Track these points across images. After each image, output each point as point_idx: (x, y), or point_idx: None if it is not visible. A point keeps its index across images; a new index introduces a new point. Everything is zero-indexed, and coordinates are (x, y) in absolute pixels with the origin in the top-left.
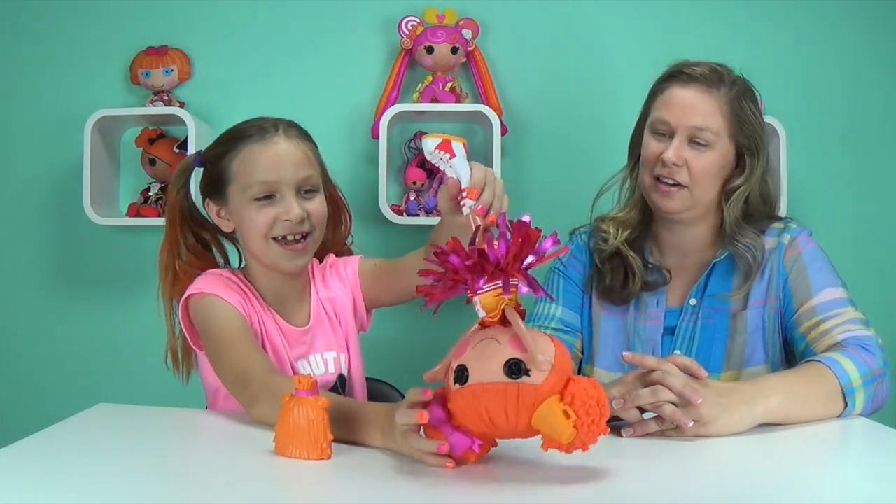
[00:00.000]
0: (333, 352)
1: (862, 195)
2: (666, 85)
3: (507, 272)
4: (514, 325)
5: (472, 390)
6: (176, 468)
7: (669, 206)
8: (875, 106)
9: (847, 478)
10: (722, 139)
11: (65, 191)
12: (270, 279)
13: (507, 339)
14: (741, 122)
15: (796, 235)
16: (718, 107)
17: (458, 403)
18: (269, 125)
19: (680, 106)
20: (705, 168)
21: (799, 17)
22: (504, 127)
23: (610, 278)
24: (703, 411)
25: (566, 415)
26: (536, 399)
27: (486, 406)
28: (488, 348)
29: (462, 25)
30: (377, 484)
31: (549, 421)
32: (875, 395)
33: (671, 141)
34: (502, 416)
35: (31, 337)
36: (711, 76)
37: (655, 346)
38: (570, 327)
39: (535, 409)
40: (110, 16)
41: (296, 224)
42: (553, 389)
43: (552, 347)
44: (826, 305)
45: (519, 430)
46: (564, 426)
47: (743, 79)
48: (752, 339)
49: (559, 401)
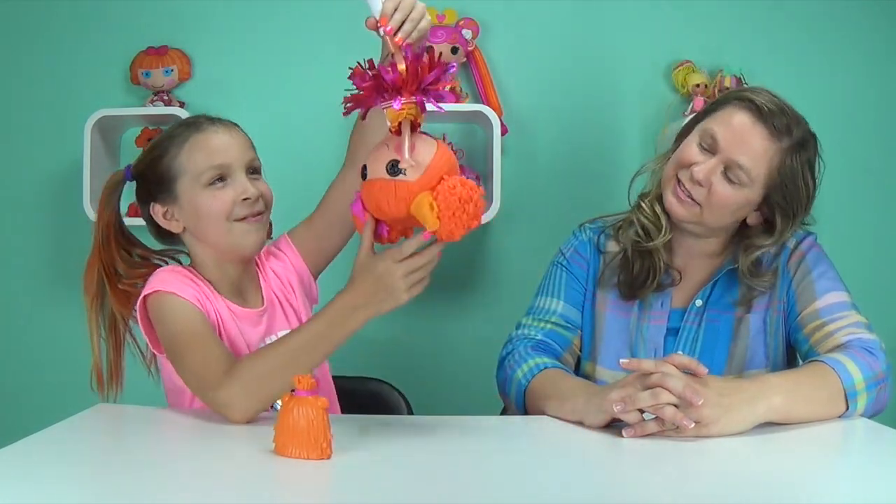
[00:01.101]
0: (286, 329)
1: (863, 196)
2: (738, 105)
3: (403, 91)
4: (402, 133)
5: (367, 184)
6: (176, 468)
7: (677, 211)
8: (876, 108)
9: (848, 478)
10: (756, 185)
11: (65, 191)
12: (223, 269)
13: (395, 144)
14: (785, 182)
15: (801, 240)
16: (770, 157)
17: (362, 194)
18: (202, 119)
19: (736, 134)
20: (724, 200)
21: (800, 18)
22: (504, 127)
23: (638, 268)
24: (705, 412)
25: (431, 207)
26: (409, 193)
27: (376, 196)
28: (381, 151)
29: (462, 25)
30: (377, 484)
31: (419, 212)
32: (877, 399)
33: (709, 159)
34: (385, 205)
35: (31, 337)
36: (782, 125)
37: (658, 347)
38: (570, 323)
39: (410, 202)
40: (110, 16)
41: (253, 202)
42: (424, 186)
43: (431, 153)
44: (830, 309)
45: (401, 217)
46: (430, 217)
47: (812, 136)
48: (753, 342)
49: (428, 196)
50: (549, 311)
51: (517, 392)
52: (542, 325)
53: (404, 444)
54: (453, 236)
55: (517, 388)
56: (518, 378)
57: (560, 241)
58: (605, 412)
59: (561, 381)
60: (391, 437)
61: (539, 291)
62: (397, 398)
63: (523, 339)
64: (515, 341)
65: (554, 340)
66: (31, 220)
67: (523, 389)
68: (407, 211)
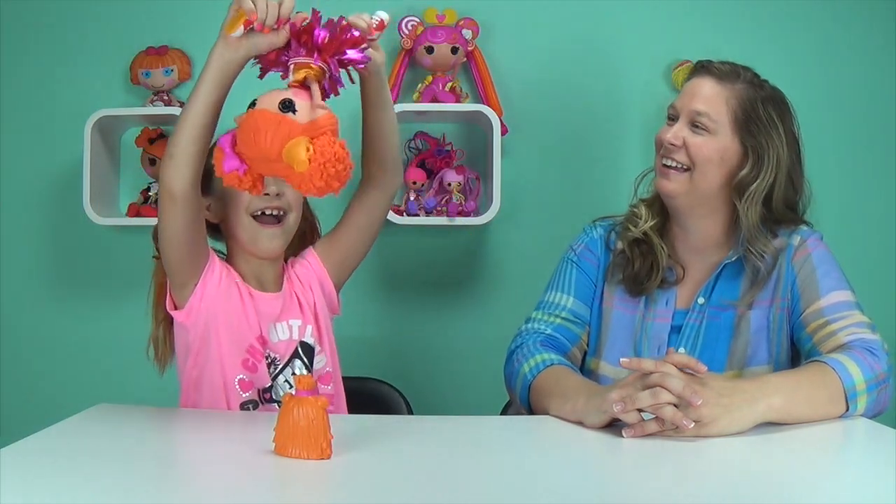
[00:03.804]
0: (299, 320)
1: (863, 195)
2: (687, 79)
3: (321, 53)
4: (313, 94)
5: (252, 112)
6: (176, 468)
7: (667, 187)
8: (878, 105)
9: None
10: (723, 129)
11: (65, 191)
12: (249, 263)
13: (293, 92)
14: (749, 120)
15: (806, 238)
16: (725, 98)
17: (241, 122)
18: None
19: (688, 93)
20: (702, 151)
21: (801, 17)
22: (504, 127)
23: (639, 264)
24: (705, 412)
25: (307, 150)
26: (291, 131)
27: (256, 125)
28: (278, 93)
29: (462, 25)
30: (377, 484)
31: (292, 152)
32: (878, 400)
33: (675, 125)
34: (263, 137)
35: (31, 337)
36: (728, 71)
37: (662, 344)
38: (579, 319)
39: (288, 141)
40: (110, 16)
41: (272, 198)
42: (307, 132)
43: (324, 114)
44: (833, 307)
45: (270, 157)
46: (302, 158)
47: (776, 89)
48: (755, 338)
49: (308, 140)
50: (559, 305)
51: (522, 386)
52: (551, 320)
53: (404, 444)
54: (312, 187)
55: (522, 382)
56: (524, 373)
57: (560, 241)
58: (605, 413)
59: (565, 379)
60: (391, 437)
61: (549, 286)
62: (397, 398)
63: (533, 334)
64: (525, 335)
65: (563, 335)
66: (31, 220)
67: (528, 385)
68: (279, 150)
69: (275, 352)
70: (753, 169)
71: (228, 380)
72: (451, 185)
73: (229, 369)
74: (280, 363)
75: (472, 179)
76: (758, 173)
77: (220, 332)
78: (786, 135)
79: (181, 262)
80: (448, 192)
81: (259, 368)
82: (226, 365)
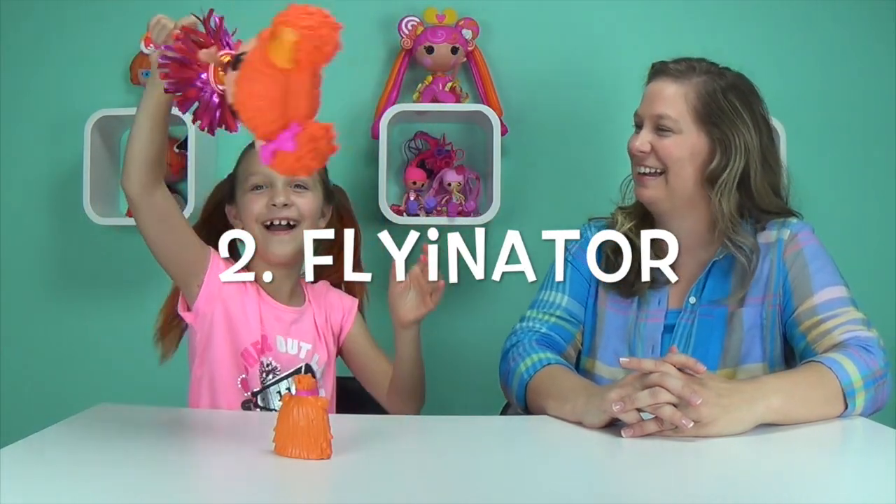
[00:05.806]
0: (310, 345)
1: (862, 195)
2: (646, 83)
3: None
4: None
5: None
6: (176, 468)
7: (645, 194)
8: (876, 106)
9: (847, 478)
10: (686, 126)
11: (65, 191)
12: (266, 271)
13: None
14: (711, 112)
15: (797, 232)
16: (683, 95)
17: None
18: None
19: (648, 98)
20: (671, 152)
21: (800, 18)
22: (504, 127)
23: None
24: (704, 412)
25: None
26: None
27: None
28: None
29: (462, 25)
30: (377, 484)
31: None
32: (876, 397)
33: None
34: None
35: (31, 337)
36: (683, 68)
37: (655, 344)
38: (573, 318)
39: None
40: (110, 16)
41: (280, 208)
42: None
43: None
44: (827, 305)
45: None
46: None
47: (738, 75)
48: (748, 336)
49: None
50: (553, 304)
51: (519, 386)
52: (546, 319)
53: (404, 444)
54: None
55: (519, 381)
56: (521, 372)
57: None
58: (605, 413)
59: (563, 379)
60: (391, 437)
61: (544, 285)
62: None
63: (528, 332)
64: (520, 333)
65: (558, 334)
66: (31, 220)
67: (525, 384)
68: None
69: (277, 361)
70: (723, 159)
71: (231, 379)
72: (451, 185)
73: (230, 369)
74: (279, 374)
75: (472, 179)
76: (727, 163)
77: (222, 331)
78: (752, 120)
79: (169, 262)
80: (448, 192)
81: (250, 372)
82: (227, 364)
